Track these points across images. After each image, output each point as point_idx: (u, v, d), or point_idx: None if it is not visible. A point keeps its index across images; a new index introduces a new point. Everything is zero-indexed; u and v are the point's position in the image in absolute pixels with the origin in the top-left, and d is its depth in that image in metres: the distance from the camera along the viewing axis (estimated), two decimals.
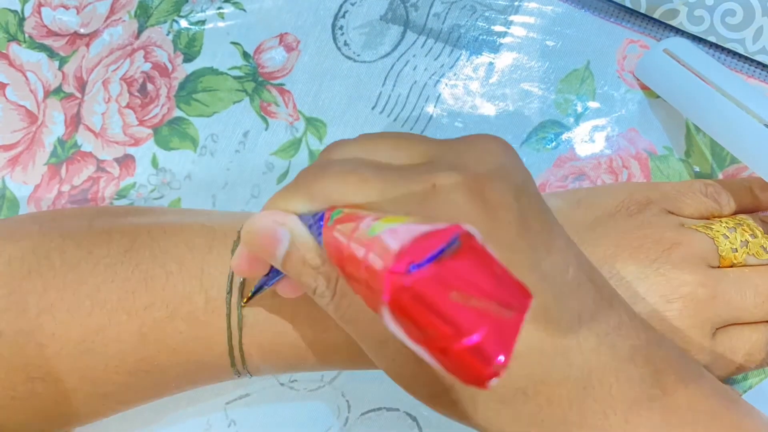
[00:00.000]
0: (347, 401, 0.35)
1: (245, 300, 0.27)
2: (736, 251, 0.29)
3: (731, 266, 0.30)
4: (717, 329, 0.29)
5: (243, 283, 0.27)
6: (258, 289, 0.26)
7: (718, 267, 0.29)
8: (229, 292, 0.27)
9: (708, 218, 0.31)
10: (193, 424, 0.35)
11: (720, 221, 0.31)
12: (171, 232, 0.28)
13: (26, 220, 0.30)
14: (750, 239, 0.30)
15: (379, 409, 0.35)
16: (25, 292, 0.26)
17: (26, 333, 0.26)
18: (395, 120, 0.36)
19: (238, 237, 0.28)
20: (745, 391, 0.34)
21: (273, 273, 0.25)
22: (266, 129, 0.36)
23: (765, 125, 0.29)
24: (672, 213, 0.31)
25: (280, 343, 0.28)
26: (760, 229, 0.31)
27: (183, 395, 0.35)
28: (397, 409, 0.35)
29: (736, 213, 0.32)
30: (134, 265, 0.27)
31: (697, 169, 0.36)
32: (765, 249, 0.30)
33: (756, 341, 0.29)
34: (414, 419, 0.35)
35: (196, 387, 0.30)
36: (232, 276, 0.27)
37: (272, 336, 0.27)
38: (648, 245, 0.29)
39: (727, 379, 0.34)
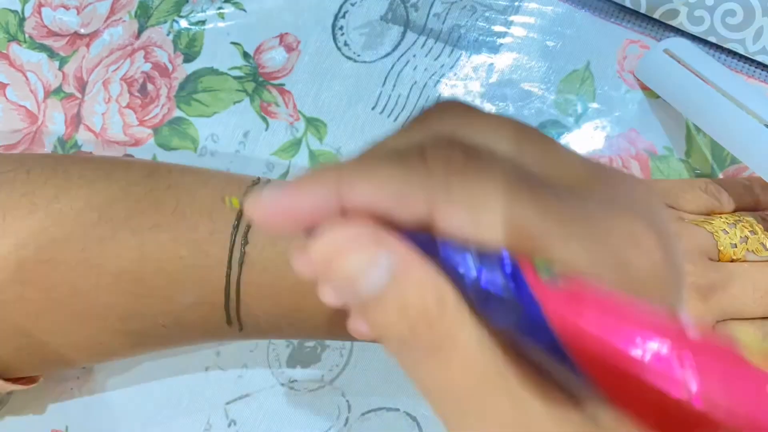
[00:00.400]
0: (347, 401, 0.35)
1: (236, 199, 0.27)
2: (735, 247, 0.30)
3: (730, 262, 0.30)
4: (717, 322, 0.29)
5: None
6: None
7: (717, 261, 0.29)
8: (236, 227, 0.27)
9: (708, 215, 0.31)
10: (193, 424, 0.35)
11: (720, 217, 0.31)
12: (189, 171, 0.29)
13: (58, 155, 0.30)
14: (749, 236, 0.30)
15: (379, 409, 0.35)
16: (36, 197, 0.27)
17: (28, 234, 0.26)
18: (395, 120, 0.36)
19: (252, 184, 0.29)
20: None
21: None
22: (266, 129, 0.36)
23: (765, 125, 0.29)
24: (672, 208, 0.31)
25: (279, 287, 0.27)
26: (760, 226, 0.31)
27: (183, 395, 0.35)
28: (397, 409, 0.35)
29: (736, 211, 0.32)
30: (148, 190, 0.27)
31: (698, 169, 0.36)
32: (764, 246, 0.30)
33: (753, 336, 0.29)
34: (414, 419, 0.35)
35: (183, 330, 0.29)
36: (242, 213, 0.27)
37: (272, 278, 0.27)
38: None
39: None
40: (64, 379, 0.35)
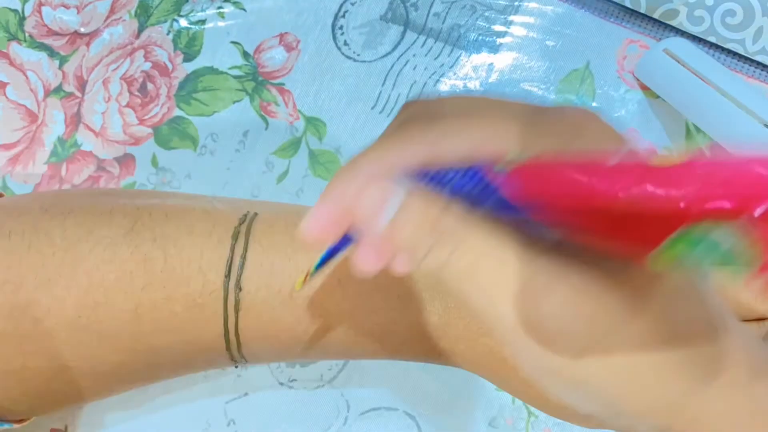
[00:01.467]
0: (347, 401, 0.35)
1: (305, 277, 0.26)
2: None
3: None
4: None
5: (242, 267, 0.27)
6: (327, 258, 0.23)
7: None
8: (227, 276, 0.27)
9: None
10: (193, 424, 0.35)
11: None
12: (173, 216, 0.28)
13: (30, 197, 0.30)
14: None
15: (379, 408, 0.35)
16: (23, 266, 0.27)
17: (22, 307, 0.26)
18: None
19: (239, 223, 0.28)
20: None
21: (343, 240, 0.22)
22: (266, 128, 0.36)
23: (765, 125, 0.29)
24: None
25: (277, 328, 0.28)
26: None
27: (183, 395, 0.35)
28: (397, 409, 0.35)
29: None
30: (134, 247, 0.27)
31: None
32: None
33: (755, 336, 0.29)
34: (413, 418, 0.35)
35: (191, 371, 0.30)
36: (231, 261, 0.27)
37: (268, 321, 0.27)
38: None
39: None
40: None
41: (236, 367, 0.29)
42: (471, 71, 0.36)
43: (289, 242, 0.28)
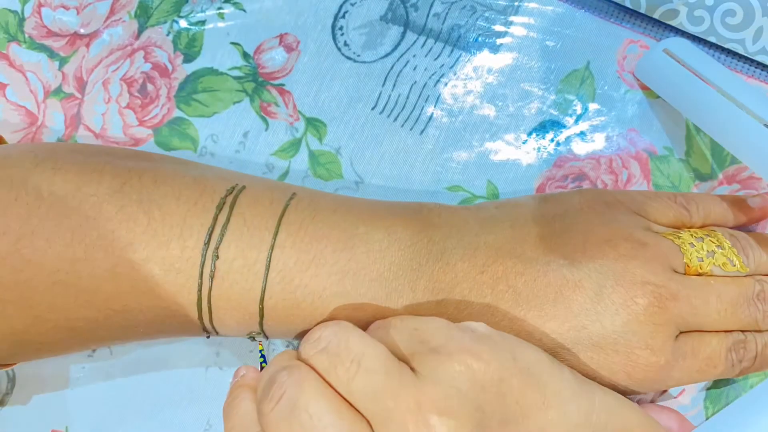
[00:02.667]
0: None
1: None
2: (702, 261, 0.30)
3: (697, 275, 0.30)
4: (681, 333, 0.29)
5: (221, 236, 0.28)
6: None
7: (683, 274, 0.29)
8: (207, 243, 0.28)
9: (677, 227, 0.31)
10: (193, 424, 0.35)
11: (688, 231, 0.31)
12: (161, 181, 0.29)
13: (25, 148, 0.31)
14: (717, 250, 0.30)
15: None
16: (8, 216, 0.27)
17: (2, 256, 0.27)
18: (395, 120, 0.36)
19: (226, 195, 0.29)
20: (745, 391, 0.34)
21: None
22: (266, 129, 0.36)
23: (765, 125, 0.29)
24: (640, 216, 0.31)
25: (249, 299, 0.28)
26: (728, 241, 0.31)
27: (183, 395, 0.35)
28: None
29: (704, 226, 0.32)
30: (119, 207, 0.28)
31: (697, 169, 0.36)
32: (731, 261, 0.30)
33: (716, 347, 0.29)
34: None
35: (163, 336, 0.30)
36: (212, 229, 0.28)
37: (240, 291, 0.28)
38: (616, 240, 0.29)
39: (725, 380, 0.34)
40: (63, 379, 0.35)
41: (207, 337, 0.30)
42: (471, 71, 0.36)
43: (271, 217, 0.29)
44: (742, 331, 0.30)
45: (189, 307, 0.28)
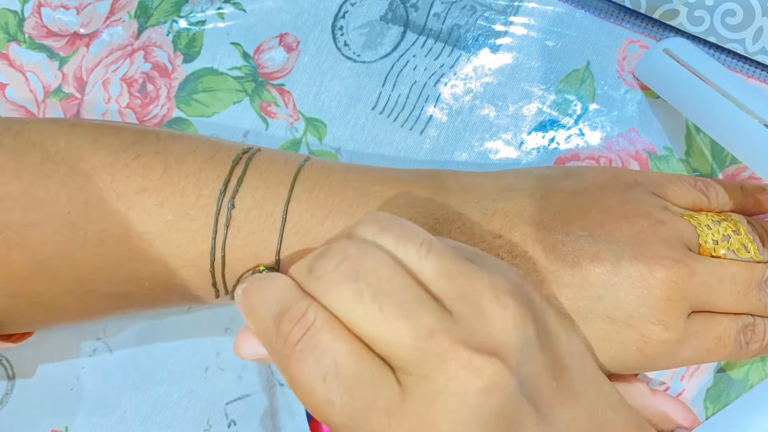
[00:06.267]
0: None
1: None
2: (717, 243, 0.30)
3: (710, 257, 0.30)
4: (693, 312, 0.29)
5: (237, 187, 0.28)
6: None
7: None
8: (223, 192, 0.28)
9: (695, 211, 0.31)
10: (193, 424, 0.35)
11: (705, 214, 0.31)
12: (178, 138, 0.29)
13: (44, 119, 0.31)
14: (732, 235, 0.30)
15: None
16: (23, 160, 0.27)
17: (14, 197, 0.27)
18: (395, 120, 0.36)
19: (242, 152, 0.29)
20: (745, 391, 0.34)
21: None
22: (266, 129, 0.36)
23: (765, 125, 0.29)
24: (659, 197, 0.31)
25: (265, 250, 0.28)
26: (745, 227, 0.31)
27: (183, 396, 0.35)
28: None
29: (722, 212, 0.32)
30: (136, 155, 0.28)
31: (698, 169, 0.36)
32: (745, 247, 0.30)
33: (726, 327, 0.29)
34: None
35: (168, 296, 0.30)
36: (228, 180, 0.28)
37: (256, 241, 0.28)
38: (634, 218, 0.29)
39: (725, 379, 0.34)
40: (64, 379, 0.35)
41: (216, 297, 0.29)
42: (471, 71, 0.36)
43: (287, 174, 0.29)
44: (752, 315, 0.30)
45: (201, 259, 0.28)
